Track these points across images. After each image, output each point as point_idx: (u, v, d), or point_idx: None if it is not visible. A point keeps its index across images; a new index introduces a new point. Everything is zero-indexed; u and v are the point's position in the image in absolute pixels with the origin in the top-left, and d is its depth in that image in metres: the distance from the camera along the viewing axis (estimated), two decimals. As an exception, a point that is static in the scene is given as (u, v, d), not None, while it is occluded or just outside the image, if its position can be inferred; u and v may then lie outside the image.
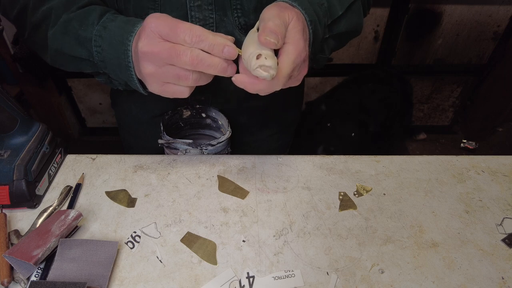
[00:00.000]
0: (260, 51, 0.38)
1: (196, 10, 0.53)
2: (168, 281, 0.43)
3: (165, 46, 0.40)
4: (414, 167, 0.60)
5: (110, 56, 0.46)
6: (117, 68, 0.47)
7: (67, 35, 0.48)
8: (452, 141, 2.09)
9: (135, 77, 0.46)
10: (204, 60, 0.40)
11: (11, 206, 0.49)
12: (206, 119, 0.70)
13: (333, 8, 0.54)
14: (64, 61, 0.52)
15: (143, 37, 0.41)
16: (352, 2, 0.57)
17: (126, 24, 0.46)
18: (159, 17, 0.41)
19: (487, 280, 0.44)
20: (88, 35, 0.47)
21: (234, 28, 0.56)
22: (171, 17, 0.41)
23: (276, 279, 0.43)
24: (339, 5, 0.54)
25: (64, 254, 0.43)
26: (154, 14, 0.42)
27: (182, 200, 0.53)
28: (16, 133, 0.51)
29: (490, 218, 0.52)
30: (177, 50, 0.40)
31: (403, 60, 1.81)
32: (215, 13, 0.54)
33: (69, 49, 0.49)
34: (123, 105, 0.73)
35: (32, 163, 0.50)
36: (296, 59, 0.42)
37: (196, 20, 0.54)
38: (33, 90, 1.66)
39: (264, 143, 0.80)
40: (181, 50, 0.40)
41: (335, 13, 0.54)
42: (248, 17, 0.55)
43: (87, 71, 0.52)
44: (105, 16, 0.48)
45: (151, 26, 0.41)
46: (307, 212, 0.52)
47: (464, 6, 1.63)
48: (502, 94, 1.82)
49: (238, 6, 0.54)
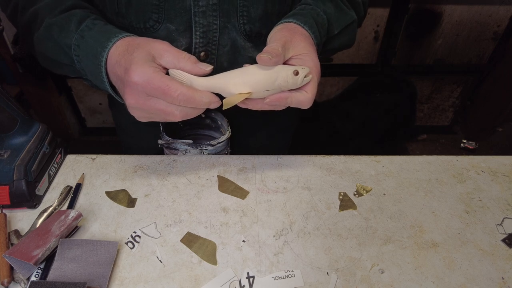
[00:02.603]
0: (292, 69, 0.42)
1: (200, 16, 0.53)
2: (168, 281, 0.43)
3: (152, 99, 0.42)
4: (414, 167, 0.60)
5: (87, 66, 0.46)
6: (94, 79, 0.47)
7: (50, 40, 0.48)
8: (452, 141, 2.09)
9: (110, 90, 0.47)
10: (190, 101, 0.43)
11: (11, 206, 0.49)
12: (206, 119, 0.70)
13: (330, 27, 0.56)
14: (50, 64, 0.52)
15: (128, 92, 0.42)
16: (349, 23, 0.58)
17: (101, 36, 0.45)
18: (143, 74, 0.41)
19: (487, 280, 0.44)
20: (68, 42, 0.47)
21: (238, 34, 0.56)
22: (154, 68, 0.42)
23: (276, 279, 0.43)
24: (336, 24, 0.56)
25: (64, 254, 0.43)
26: (135, 61, 0.41)
27: (182, 200, 0.53)
28: (16, 133, 0.51)
29: (490, 218, 0.52)
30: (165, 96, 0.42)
31: (403, 60, 1.81)
32: (219, 19, 0.54)
33: (53, 54, 0.49)
34: (121, 105, 0.73)
35: (32, 163, 0.50)
36: (318, 79, 0.47)
37: (199, 26, 0.54)
38: (33, 90, 1.66)
39: (263, 143, 0.80)
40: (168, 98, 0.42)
41: (331, 32, 0.56)
42: (254, 24, 0.55)
43: (72, 76, 0.52)
44: (84, 23, 0.47)
45: (138, 87, 0.41)
46: (307, 212, 0.52)
47: (464, 6, 1.63)
48: (502, 94, 1.82)
49: (244, 13, 0.54)
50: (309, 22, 0.50)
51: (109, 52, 0.44)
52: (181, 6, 0.52)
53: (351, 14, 0.59)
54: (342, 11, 0.57)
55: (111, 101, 0.78)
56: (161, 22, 0.53)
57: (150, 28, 0.54)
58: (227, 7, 0.53)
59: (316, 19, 0.52)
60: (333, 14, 0.56)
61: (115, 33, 0.45)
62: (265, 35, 0.57)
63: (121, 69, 0.42)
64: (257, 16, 0.54)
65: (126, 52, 0.43)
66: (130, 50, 0.43)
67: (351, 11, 0.59)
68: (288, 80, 0.42)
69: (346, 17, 0.58)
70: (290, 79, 0.42)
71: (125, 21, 0.54)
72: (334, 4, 0.57)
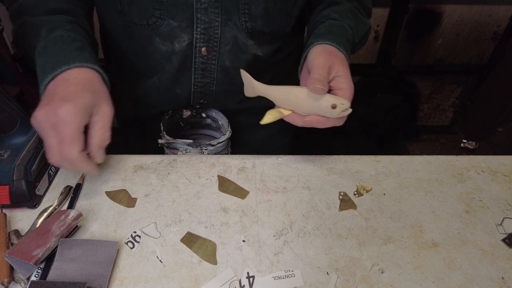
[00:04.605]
0: (332, 102, 0.48)
1: (202, 13, 0.53)
2: (168, 281, 0.43)
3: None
4: (414, 167, 0.60)
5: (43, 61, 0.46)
6: (40, 69, 0.47)
7: (24, 39, 0.49)
8: (452, 141, 2.09)
9: (42, 88, 0.46)
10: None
11: (11, 206, 0.49)
12: (206, 119, 0.70)
13: (353, 38, 0.59)
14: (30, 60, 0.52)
15: (46, 109, 0.42)
16: (366, 31, 0.63)
17: (51, 59, 0.45)
18: (70, 117, 0.41)
19: (487, 280, 0.44)
20: (36, 46, 0.47)
21: (240, 31, 0.56)
22: (80, 123, 0.42)
23: (276, 279, 0.43)
24: (357, 35, 0.60)
25: (64, 254, 0.42)
26: (77, 102, 0.41)
27: (182, 200, 0.53)
28: (16, 133, 0.51)
29: (490, 218, 0.52)
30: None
31: (403, 60, 1.81)
32: (221, 16, 0.54)
33: (28, 51, 0.49)
34: (123, 105, 0.73)
35: (32, 163, 0.50)
36: (351, 99, 0.50)
37: (201, 22, 0.54)
38: (33, 90, 1.65)
39: (264, 143, 0.80)
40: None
41: (353, 42, 0.59)
42: (255, 22, 0.56)
43: None
44: (54, 33, 0.47)
45: (55, 117, 0.41)
46: (307, 212, 0.52)
47: (464, 6, 1.63)
48: (502, 94, 1.82)
49: (246, 10, 0.54)
50: (343, 42, 0.54)
51: (69, 71, 0.44)
52: (183, 2, 0.52)
53: (367, 22, 0.63)
54: (360, 21, 0.61)
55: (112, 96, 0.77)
56: (164, 19, 0.53)
57: (153, 24, 0.54)
58: (229, 4, 0.53)
59: (347, 37, 0.56)
60: (354, 26, 0.59)
61: (64, 62, 0.45)
62: (267, 33, 0.58)
63: (64, 91, 0.42)
64: (258, 13, 0.55)
65: (84, 85, 0.43)
66: (86, 87, 0.43)
67: (366, 19, 0.63)
68: (325, 112, 0.49)
69: (364, 27, 0.62)
70: (327, 112, 0.49)
71: (127, 19, 0.54)
72: (354, 15, 0.60)
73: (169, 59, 0.59)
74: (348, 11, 0.59)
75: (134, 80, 0.65)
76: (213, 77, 0.61)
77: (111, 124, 0.46)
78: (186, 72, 0.60)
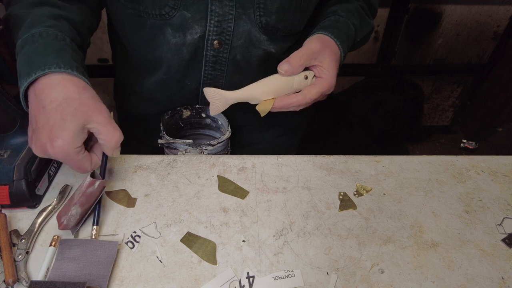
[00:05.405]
0: (303, 74, 0.55)
1: (216, 5, 0.53)
2: (168, 281, 0.43)
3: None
4: (414, 167, 0.60)
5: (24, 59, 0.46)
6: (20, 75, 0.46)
7: (10, 33, 0.49)
8: (452, 141, 2.09)
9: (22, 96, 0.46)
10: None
11: (11, 206, 0.49)
12: (206, 119, 0.70)
13: (355, 36, 0.62)
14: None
15: (40, 143, 0.42)
16: (369, 31, 0.65)
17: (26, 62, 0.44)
18: (63, 149, 0.41)
19: (487, 280, 0.44)
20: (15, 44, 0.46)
21: (254, 26, 0.56)
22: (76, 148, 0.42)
23: (276, 279, 0.43)
24: (359, 33, 0.63)
25: (64, 254, 0.43)
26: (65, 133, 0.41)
27: (182, 200, 0.53)
28: (16, 133, 0.51)
29: (490, 218, 0.52)
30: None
31: (403, 60, 1.81)
32: (235, 9, 0.54)
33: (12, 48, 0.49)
34: (128, 100, 0.73)
35: (32, 163, 0.50)
36: (324, 92, 0.55)
37: (215, 15, 0.54)
38: (33, 90, 1.65)
39: (268, 145, 0.80)
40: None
41: (354, 40, 0.62)
42: (270, 17, 0.55)
43: None
44: (33, 30, 0.45)
45: (53, 150, 0.41)
46: (307, 212, 0.52)
47: (464, 6, 1.63)
48: (502, 94, 1.82)
49: (261, 5, 0.54)
50: (342, 37, 0.57)
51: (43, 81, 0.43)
52: None
53: (371, 23, 0.65)
54: (365, 21, 0.63)
55: (117, 92, 0.77)
56: (177, 9, 0.53)
57: (165, 14, 0.53)
58: None
59: (348, 33, 0.59)
60: (358, 25, 0.61)
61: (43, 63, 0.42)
62: (281, 29, 0.58)
63: (46, 124, 0.41)
64: (274, 9, 0.54)
65: (62, 110, 0.41)
66: (65, 111, 0.41)
67: (371, 20, 0.65)
68: (301, 84, 0.55)
69: (368, 27, 0.64)
70: (303, 83, 0.55)
71: (140, 8, 0.53)
72: (360, 14, 0.62)
73: (179, 51, 0.57)
74: (355, 10, 0.61)
75: (140, 74, 0.64)
76: (223, 70, 0.61)
77: (113, 122, 0.45)
78: (196, 64, 0.60)
